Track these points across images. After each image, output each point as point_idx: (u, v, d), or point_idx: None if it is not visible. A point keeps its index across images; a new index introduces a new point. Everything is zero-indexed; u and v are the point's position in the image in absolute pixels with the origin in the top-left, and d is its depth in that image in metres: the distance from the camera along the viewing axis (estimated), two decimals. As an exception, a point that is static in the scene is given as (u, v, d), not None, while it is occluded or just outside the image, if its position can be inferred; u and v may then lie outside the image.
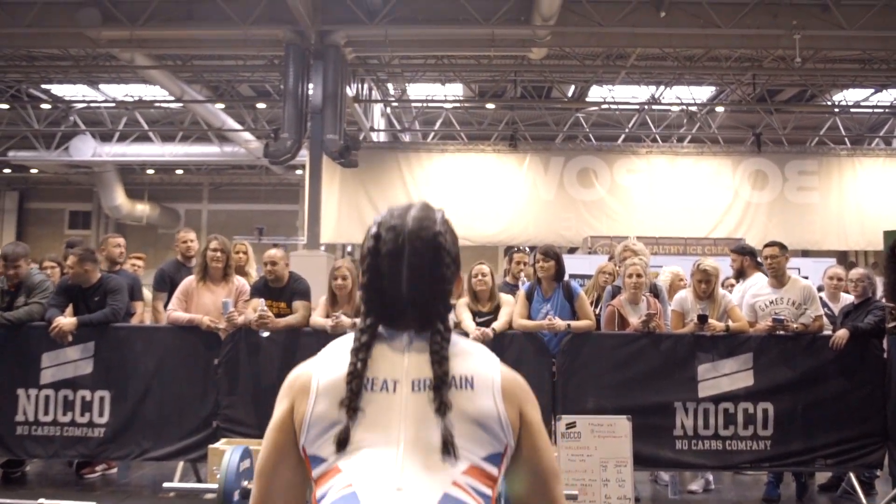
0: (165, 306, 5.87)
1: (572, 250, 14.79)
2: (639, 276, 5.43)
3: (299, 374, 1.36)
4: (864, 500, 5.19)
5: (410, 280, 1.30)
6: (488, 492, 1.26)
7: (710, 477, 5.68)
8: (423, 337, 1.31)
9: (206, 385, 5.40)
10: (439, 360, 1.27)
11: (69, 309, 5.56)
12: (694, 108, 16.20)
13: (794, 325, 5.34)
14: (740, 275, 6.28)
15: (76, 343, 5.43)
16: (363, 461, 1.22)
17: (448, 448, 1.21)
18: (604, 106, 16.24)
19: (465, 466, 1.23)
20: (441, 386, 1.24)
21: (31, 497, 4.77)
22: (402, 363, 1.29)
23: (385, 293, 1.32)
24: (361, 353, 1.28)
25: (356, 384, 1.26)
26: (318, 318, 5.35)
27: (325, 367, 1.32)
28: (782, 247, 5.61)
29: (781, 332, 5.33)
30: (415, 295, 1.30)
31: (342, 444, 1.23)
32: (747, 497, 5.73)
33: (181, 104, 15.40)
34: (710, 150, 16.04)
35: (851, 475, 5.41)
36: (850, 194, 15.38)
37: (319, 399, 1.28)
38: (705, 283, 5.42)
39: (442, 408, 1.23)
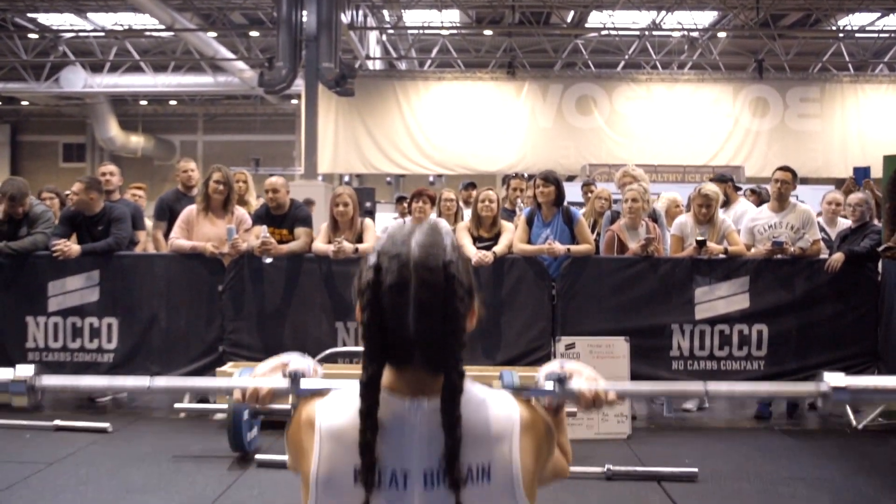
0: (166, 236, 5.90)
1: (570, 178, 14.75)
2: (635, 200, 5.47)
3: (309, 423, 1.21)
4: (852, 417, 5.36)
5: (419, 318, 1.13)
6: None
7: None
8: (433, 402, 1.16)
9: (212, 311, 5.49)
10: (451, 423, 1.13)
11: (73, 238, 5.59)
12: (695, 34, 15.87)
13: (793, 249, 5.41)
14: (724, 203, 6.33)
15: (81, 272, 5.50)
16: None
17: None
18: (603, 32, 15.90)
19: None
20: (453, 465, 1.13)
21: (46, 420, 4.94)
22: (410, 446, 1.16)
23: (389, 333, 1.15)
24: (370, 420, 1.14)
25: (369, 460, 1.13)
26: (321, 244, 5.40)
27: (330, 424, 1.19)
28: (794, 174, 5.71)
29: (780, 256, 5.40)
30: (424, 335, 1.14)
31: None
32: (740, 415, 5.90)
33: (172, 33, 15.05)
34: (711, 77, 15.80)
35: (841, 393, 5.56)
36: (852, 121, 15.25)
37: (324, 474, 1.17)
38: (706, 208, 5.46)
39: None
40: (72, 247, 5.44)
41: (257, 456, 4.28)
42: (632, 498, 3.76)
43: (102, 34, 16.34)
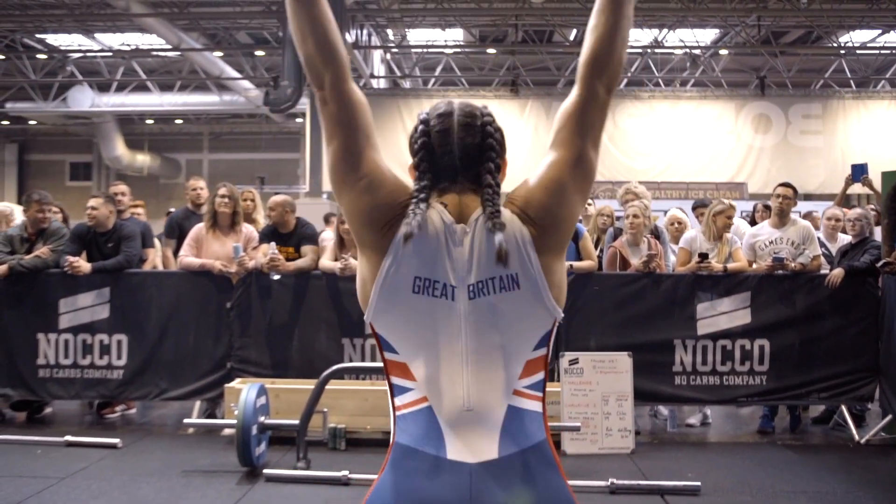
0: (175, 253, 5.99)
1: (574, 196, 14.83)
2: (636, 217, 5.55)
3: None
4: (854, 432, 5.40)
5: (461, 149, 1.40)
6: (541, 375, 1.39)
7: (708, 411, 5.89)
8: (476, 224, 1.36)
9: (220, 327, 5.57)
10: (492, 206, 1.35)
11: (83, 256, 5.68)
12: (697, 52, 16.03)
13: (794, 265, 5.47)
14: None
15: (91, 289, 5.58)
16: (433, 374, 1.33)
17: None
18: (606, 50, 16.03)
19: (521, 368, 1.35)
20: (495, 220, 1.33)
21: (57, 436, 5.01)
22: (459, 263, 1.34)
23: (437, 163, 1.40)
24: (419, 211, 1.34)
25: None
26: (327, 262, 5.48)
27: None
28: (795, 190, 5.82)
29: (781, 272, 5.46)
30: (466, 159, 1.40)
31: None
32: (743, 430, 5.95)
33: (179, 52, 15.25)
34: (713, 94, 15.93)
35: (843, 408, 5.61)
36: (854, 138, 15.32)
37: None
38: (728, 217, 5.62)
39: (503, 257, 1.31)
40: (83, 264, 5.54)
41: (265, 471, 4.34)
42: (635, 512, 3.81)
43: (110, 54, 16.57)
